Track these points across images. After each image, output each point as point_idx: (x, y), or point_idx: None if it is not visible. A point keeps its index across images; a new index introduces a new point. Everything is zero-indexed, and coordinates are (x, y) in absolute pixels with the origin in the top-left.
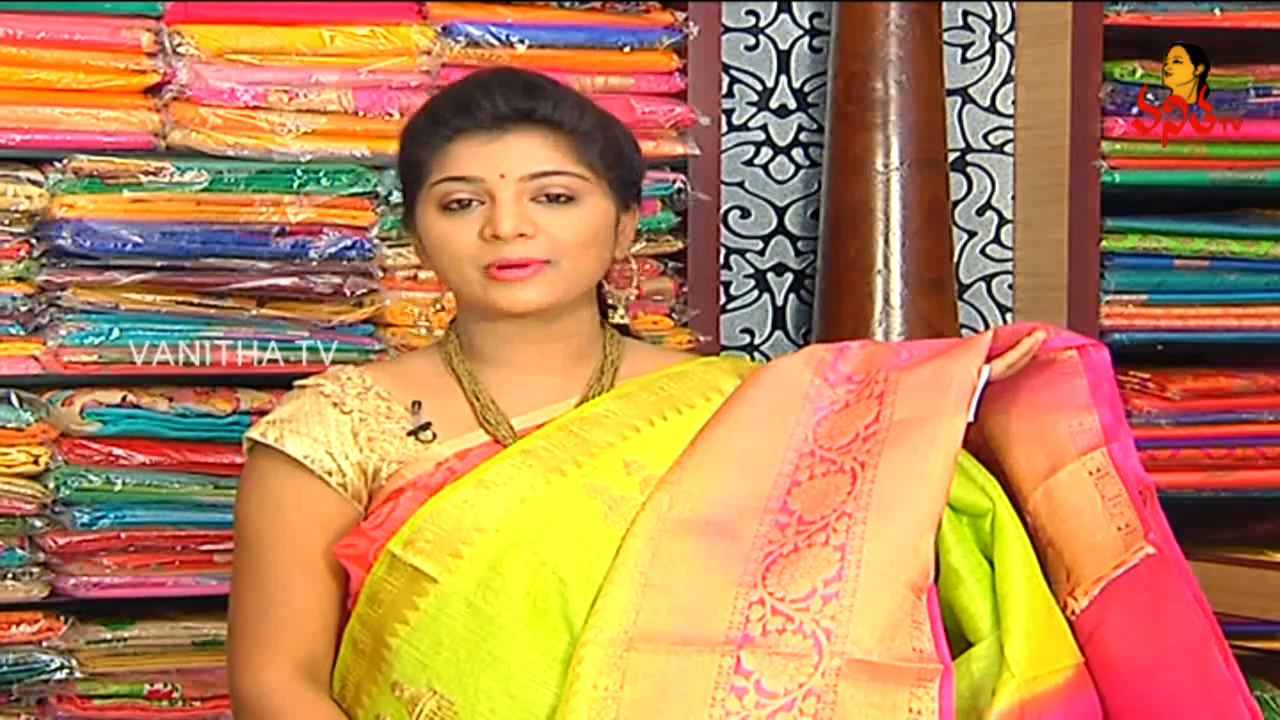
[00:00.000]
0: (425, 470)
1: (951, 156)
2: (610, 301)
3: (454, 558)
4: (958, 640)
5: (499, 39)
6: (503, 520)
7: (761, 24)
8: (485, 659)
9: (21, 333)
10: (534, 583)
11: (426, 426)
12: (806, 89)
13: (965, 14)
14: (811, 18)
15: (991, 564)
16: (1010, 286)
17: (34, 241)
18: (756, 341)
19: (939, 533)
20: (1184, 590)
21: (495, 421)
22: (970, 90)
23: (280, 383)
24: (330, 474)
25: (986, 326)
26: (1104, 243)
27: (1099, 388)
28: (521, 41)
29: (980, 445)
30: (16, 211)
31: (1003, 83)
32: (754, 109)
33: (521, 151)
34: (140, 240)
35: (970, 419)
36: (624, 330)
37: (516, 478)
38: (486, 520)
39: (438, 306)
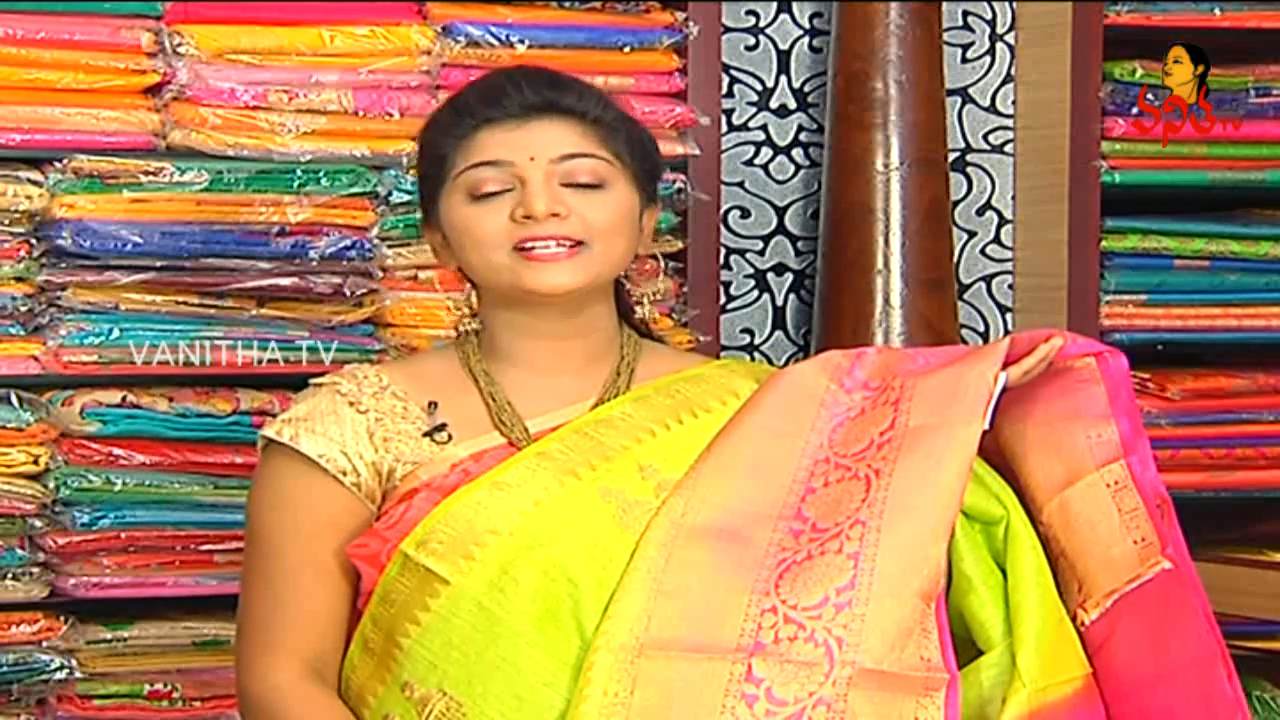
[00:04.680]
0: (440, 471)
1: (951, 156)
2: (634, 298)
3: (466, 559)
4: (968, 647)
5: (499, 39)
6: (516, 523)
7: (761, 24)
8: (495, 661)
9: (21, 333)
10: (545, 585)
11: (442, 427)
12: (806, 89)
13: (965, 14)
14: (811, 18)
15: (1004, 572)
16: (1010, 286)
17: (34, 241)
18: (756, 341)
19: (952, 539)
20: (1195, 605)
21: (510, 424)
22: (970, 90)
23: (280, 383)
24: (344, 473)
25: (986, 326)
26: (1104, 243)
27: (1117, 396)
28: (521, 41)
29: (995, 453)
30: (16, 211)
31: (1003, 83)
32: (754, 109)
33: (549, 136)
34: (140, 240)
35: (986, 427)
36: (642, 332)
37: (531, 480)
38: (500, 522)
39: (465, 309)
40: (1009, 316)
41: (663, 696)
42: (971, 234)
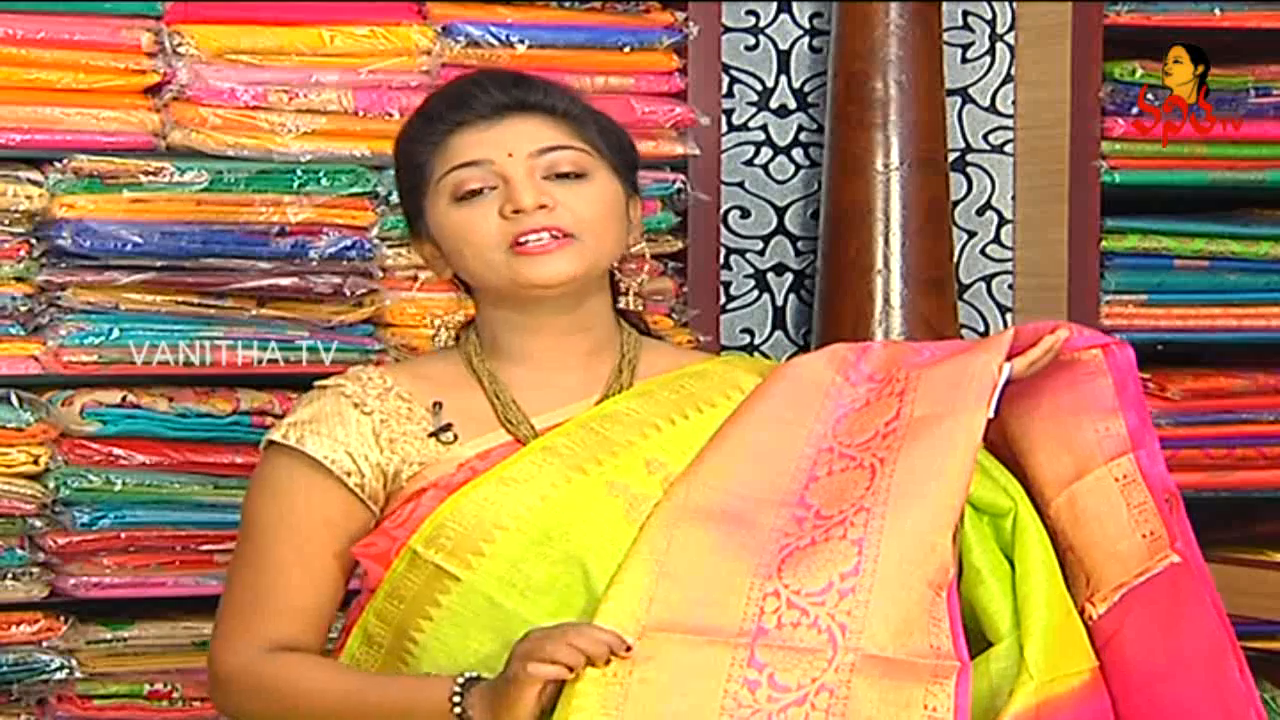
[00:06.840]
0: (447, 471)
1: (951, 156)
2: (622, 291)
3: (475, 555)
4: (978, 639)
5: (499, 39)
6: (524, 518)
7: (761, 24)
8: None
9: (21, 333)
10: (558, 579)
11: (448, 428)
12: (806, 89)
13: (965, 14)
14: (811, 18)
15: (1012, 564)
16: (1010, 286)
17: (34, 241)
18: (756, 341)
19: (961, 531)
20: (1204, 597)
21: (516, 421)
22: (970, 90)
23: (280, 383)
24: (349, 475)
25: (986, 326)
26: (1104, 243)
27: (1124, 389)
28: (521, 41)
29: (1002, 447)
30: (16, 211)
31: (1003, 83)
32: (754, 109)
33: (524, 131)
34: (140, 240)
35: (991, 415)
36: (640, 329)
37: (537, 475)
38: (508, 518)
39: (456, 312)
40: (1009, 316)
41: (665, 679)
42: (971, 234)
